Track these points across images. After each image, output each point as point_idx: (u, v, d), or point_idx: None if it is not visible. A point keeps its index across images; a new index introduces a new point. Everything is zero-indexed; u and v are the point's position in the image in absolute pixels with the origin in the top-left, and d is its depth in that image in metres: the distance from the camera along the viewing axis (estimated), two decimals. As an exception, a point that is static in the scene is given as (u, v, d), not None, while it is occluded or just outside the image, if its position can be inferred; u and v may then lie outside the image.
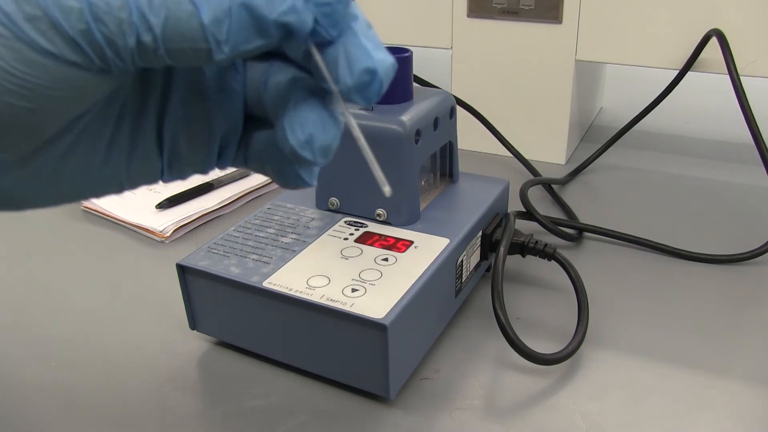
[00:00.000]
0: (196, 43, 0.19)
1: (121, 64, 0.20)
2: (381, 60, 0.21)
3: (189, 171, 0.26)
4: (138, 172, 0.25)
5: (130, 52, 0.19)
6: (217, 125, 0.25)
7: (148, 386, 0.36)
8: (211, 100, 0.25)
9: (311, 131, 0.22)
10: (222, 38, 0.19)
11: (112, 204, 0.55)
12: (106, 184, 0.25)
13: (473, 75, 0.65)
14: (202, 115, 0.25)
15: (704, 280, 0.45)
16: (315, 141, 0.22)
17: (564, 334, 0.39)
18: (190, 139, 0.25)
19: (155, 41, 0.19)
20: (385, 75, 0.21)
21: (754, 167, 0.59)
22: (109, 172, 0.24)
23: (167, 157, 0.25)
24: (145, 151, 0.25)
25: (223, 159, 0.27)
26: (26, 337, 0.41)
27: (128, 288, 0.46)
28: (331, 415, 0.34)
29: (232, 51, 0.20)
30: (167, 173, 0.26)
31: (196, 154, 0.26)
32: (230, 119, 0.25)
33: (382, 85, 0.21)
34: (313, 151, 0.22)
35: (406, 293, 0.34)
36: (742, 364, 0.37)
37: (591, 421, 0.33)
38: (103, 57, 0.19)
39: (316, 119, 0.22)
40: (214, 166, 0.27)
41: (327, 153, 0.22)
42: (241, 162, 0.27)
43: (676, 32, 0.56)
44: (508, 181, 0.46)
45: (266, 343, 0.37)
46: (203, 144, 0.26)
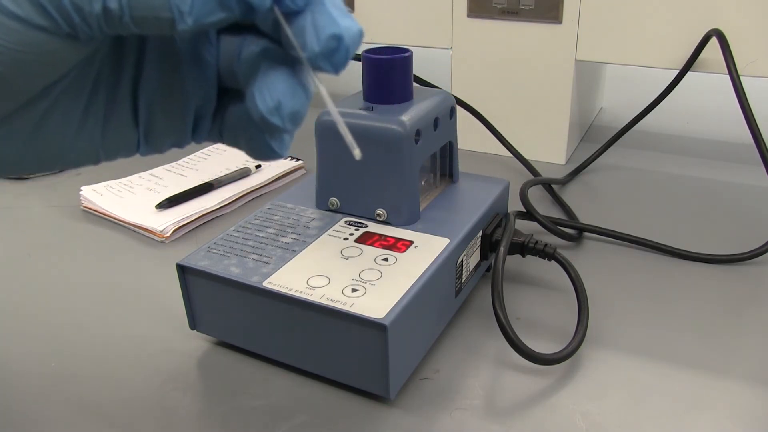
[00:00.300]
0: (160, 11, 0.20)
1: (88, 29, 0.21)
2: (347, 26, 0.22)
3: (165, 143, 0.27)
4: (114, 143, 0.26)
5: (96, 17, 0.20)
6: (192, 96, 0.26)
7: (148, 386, 0.36)
8: (185, 71, 0.26)
9: (280, 98, 0.23)
10: (185, 9, 0.20)
11: (112, 204, 0.55)
12: (82, 152, 0.25)
13: (473, 75, 0.65)
14: (176, 85, 0.26)
15: (704, 280, 0.45)
16: (284, 107, 0.23)
17: (564, 334, 0.39)
18: (164, 109, 0.26)
19: (121, 8, 0.20)
20: (352, 41, 0.22)
21: (754, 167, 0.59)
22: (85, 140, 0.25)
23: (143, 128, 0.26)
24: (121, 120, 0.25)
25: (199, 132, 0.27)
26: (26, 337, 0.41)
27: (128, 288, 0.46)
28: (331, 415, 0.34)
29: (195, 22, 0.20)
30: (144, 145, 0.27)
31: (171, 125, 0.26)
32: (204, 91, 0.26)
33: (348, 51, 0.22)
34: (282, 117, 0.23)
35: (406, 293, 0.34)
36: (742, 364, 0.37)
37: (591, 421, 0.33)
38: (71, 22, 0.20)
39: (285, 86, 0.23)
40: (189, 138, 0.27)
41: (296, 119, 0.23)
42: (216, 135, 0.28)
43: (676, 32, 0.56)
44: (508, 181, 0.46)
45: (266, 343, 0.37)
46: (178, 115, 0.26)
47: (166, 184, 0.59)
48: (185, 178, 0.60)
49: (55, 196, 0.59)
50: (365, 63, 0.40)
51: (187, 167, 0.63)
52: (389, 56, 0.39)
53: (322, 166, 0.41)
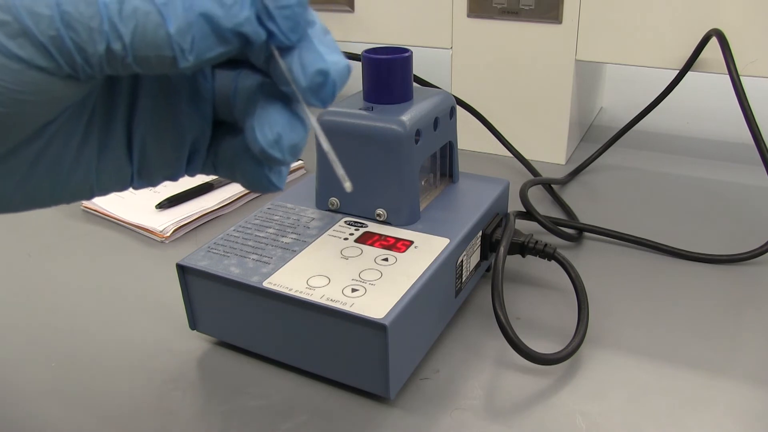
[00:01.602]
0: (162, 51, 0.20)
1: (89, 70, 0.20)
2: (334, 62, 0.22)
3: (159, 177, 0.27)
4: (108, 178, 0.26)
5: (98, 59, 0.20)
6: (187, 131, 0.26)
7: (148, 386, 0.36)
8: (180, 106, 0.26)
9: (279, 131, 0.23)
10: (186, 47, 0.20)
11: (112, 204, 0.55)
12: (75, 189, 0.25)
13: (473, 75, 0.65)
14: (171, 121, 0.26)
15: (704, 280, 0.45)
16: (284, 140, 0.23)
17: (564, 334, 0.39)
18: (159, 145, 0.26)
19: (124, 49, 0.20)
20: (339, 76, 0.22)
21: (754, 167, 0.60)
22: (78, 178, 0.25)
23: (137, 163, 0.26)
24: (115, 156, 0.25)
25: (193, 166, 0.27)
26: (26, 337, 0.41)
27: (128, 288, 0.46)
28: (331, 415, 0.34)
29: (196, 59, 0.21)
30: (137, 179, 0.27)
31: (166, 160, 0.26)
32: (199, 125, 0.26)
33: (335, 86, 0.22)
34: (282, 150, 0.23)
35: (406, 293, 0.34)
36: (742, 364, 0.37)
37: (591, 421, 0.33)
38: (72, 63, 0.20)
39: (284, 120, 0.23)
40: (183, 172, 0.27)
41: (295, 152, 0.23)
42: (210, 169, 0.28)
43: (676, 32, 0.56)
44: (508, 181, 0.46)
45: (266, 343, 0.37)
46: (172, 150, 0.26)
47: (166, 184, 0.59)
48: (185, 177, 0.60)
49: (55, 196, 0.59)
50: (365, 63, 0.40)
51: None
52: (389, 56, 0.39)
53: (322, 166, 0.41)
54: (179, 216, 0.53)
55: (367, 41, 0.70)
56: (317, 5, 0.70)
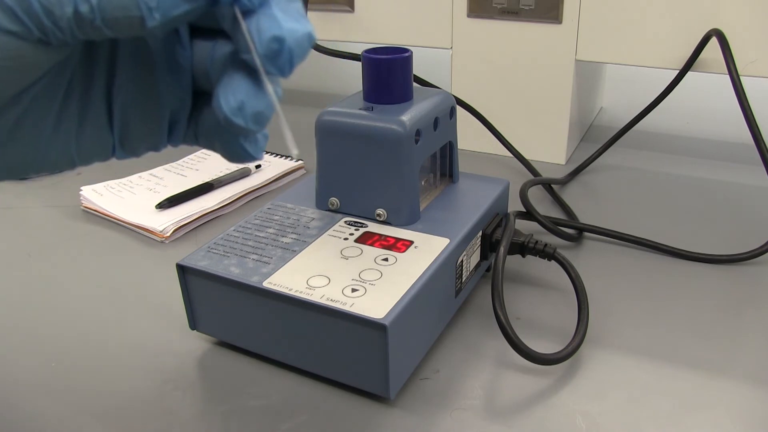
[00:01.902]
0: (129, 11, 0.20)
1: (60, 34, 0.21)
2: (291, 29, 0.22)
3: (141, 147, 0.27)
4: (89, 147, 0.26)
5: (67, 21, 0.20)
6: (166, 100, 0.26)
7: (148, 386, 0.36)
8: (159, 76, 0.26)
9: (242, 98, 0.23)
10: (152, 4, 0.20)
11: (112, 204, 0.55)
12: (56, 158, 0.25)
13: (473, 75, 0.65)
14: (151, 90, 0.26)
15: (704, 280, 0.45)
16: (246, 107, 0.23)
17: (564, 334, 0.39)
18: (139, 114, 0.26)
19: (92, 11, 0.20)
20: (296, 44, 0.22)
21: (754, 167, 0.60)
22: (58, 147, 0.25)
23: (118, 132, 0.26)
24: (95, 125, 0.26)
25: (174, 136, 0.27)
26: (26, 337, 0.41)
27: (128, 288, 0.46)
28: (331, 415, 0.34)
29: (163, 17, 0.21)
30: (119, 149, 0.27)
31: (146, 130, 0.27)
32: (178, 95, 0.26)
33: (292, 54, 0.22)
34: (245, 118, 0.23)
35: (406, 293, 0.34)
36: (742, 364, 0.37)
37: (591, 421, 0.33)
38: (42, 27, 0.20)
39: (248, 87, 0.23)
40: (165, 142, 0.27)
41: (259, 120, 0.23)
42: (191, 139, 0.28)
43: (676, 32, 0.56)
44: (508, 181, 0.46)
45: (266, 343, 0.37)
46: (153, 119, 0.26)
47: (166, 184, 0.59)
48: (185, 178, 0.60)
49: (55, 196, 0.59)
50: (365, 63, 0.40)
51: (187, 167, 0.63)
52: (389, 56, 0.39)
53: (322, 166, 0.41)
54: (179, 216, 0.53)
55: (367, 41, 0.70)
56: (317, 5, 0.70)
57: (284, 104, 0.25)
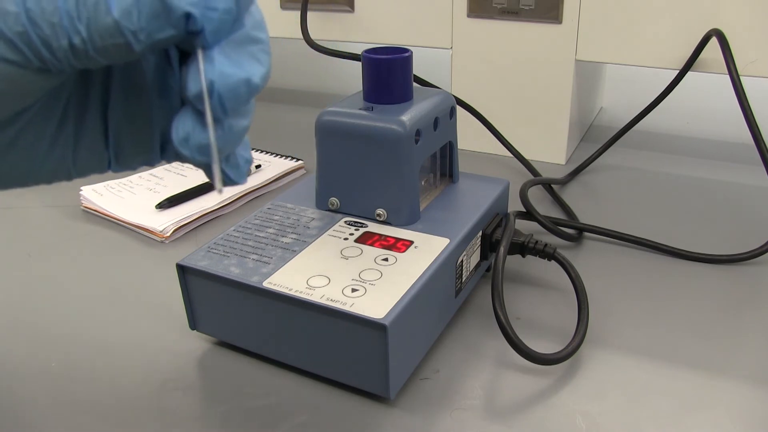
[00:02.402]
0: (115, 38, 0.21)
1: (58, 63, 0.21)
2: (224, 73, 0.22)
3: (135, 163, 0.28)
4: (85, 163, 0.27)
5: (64, 53, 0.21)
6: (157, 121, 0.27)
7: (148, 386, 0.36)
8: (150, 97, 0.27)
9: (188, 131, 0.23)
10: (134, 28, 0.21)
11: (112, 204, 0.55)
12: (53, 172, 0.26)
13: (473, 75, 0.65)
14: (142, 112, 0.27)
15: (704, 280, 0.45)
16: (191, 140, 0.23)
17: (564, 334, 0.39)
18: (132, 133, 0.27)
19: (83, 42, 0.21)
20: (227, 89, 0.22)
21: (754, 167, 0.60)
22: (55, 161, 0.26)
23: (113, 149, 0.27)
24: (92, 143, 0.27)
25: (167, 153, 0.28)
26: (26, 337, 0.41)
27: (128, 288, 0.46)
28: (331, 415, 0.34)
29: (147, 39, 0.21)
30: (114, 164, 0.28)
31: (140, 148, 0.28)
32: (168, 117, 0.27)
33: (222, 98, 0.22)
34: (190, 149, 0.24)
35: (406, 293, 0.34)
36: (742, 364, 0.37)
37: (591, 421, 0.33)
38: (40, 56, 0.21)
39: (193, 121, 0.23)
40: (159, 159, 0.28)
41: (203, 152, 0.24)
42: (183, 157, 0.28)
43: (676, 32, 0.56)
44: (508, 181, 0.46)
45: (266, 343, 0.37)
46: (145, 138, 0.27)
47: (166, 184, 0.59)
48: (185, 178, 0.60)
49: (55, 196, 0.59)
50: (365, 63, 0.40)
51: (187, 167, 0.63)
52: (389, 56, 0.39)
53: (322, 166, 0.41)
54: (179, 216, 0.53)
55: (367, 41, 0.70)
56: (317, 5, 0.70)
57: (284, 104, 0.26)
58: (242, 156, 0.26)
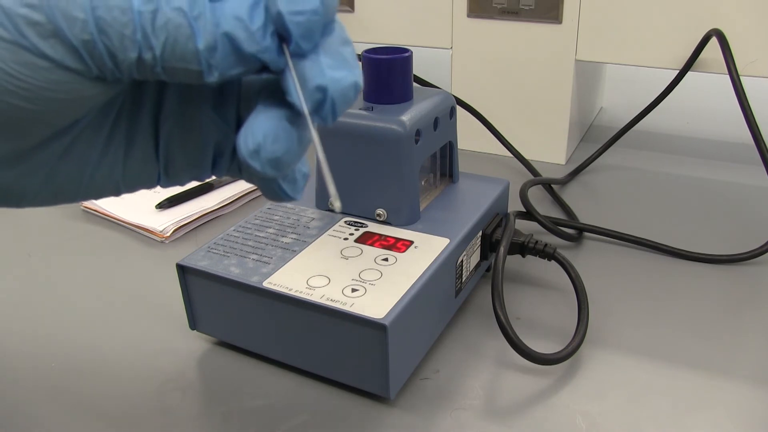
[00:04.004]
0: (190, 64, 0.20)
1: (119, 74, 0.21)
2: (335, 78, 0.21)
3: (185, 177, 0.27)
4: (134, 176, 0.26)
5: (129, 65, 0.20)
6: (210, 134, 0.26)
7: (148, 386, 0.36)
8: (205, 111, 0.26)
9: (260, 141, 0.22)
10: (214, 63, 0.20)
11: (112, 204, 0.55)
12: (101, 185, 0.25)
13: (473, 75, 0.65)
14: (196, 124, 0.26)
15: (704, 280, 0.45)
16: (263, 151, 0.22)
17: (564, 334, 0.39)
18: (183, 146, 0.26)
19: (154, 59, 0.20)
20: (340, 94, 0.21)
21: (754, 167, 0.60)
22: (104, 174, 0.25)
23: (163, 162, 0.26)
24: (142, 155, 0.26)
25: (218, 168, 0.27)
26: (26, 337, 0.41)
27: (128, 288, 0.46)
28: (331, 415, 0.34)
29: (220, 75, 0.21)
30: (164, 178, 0.27)
31: (190, 161, 0.26)
32: (223, 130, 0.26)
33: (335, 104, 0.21)
34: (261, 162, 0.22)
35: (406, 293, 0.34)
36: (742, 364, 0.37)
37: (591, 421, 0.33)
38: (102, 67, 0.20)
39: (269, 129, 0.22)
40: (209, 173, 0.27)
41: (276, 165, 0.22)
42: (236, 171, 0.27)
43: (676, 32, 0.56)
44: (508, 181, 0.46)
45: (266, 343, 0.37)
46: (197, 152, 0.26)
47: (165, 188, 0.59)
48: (185, 178, 0.60)
49: (55, 196, 0.59)
50: (365, 63, 0.40)
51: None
52: (389, 56, 0.39)
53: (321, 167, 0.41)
54: (179, 216, 0.53)
55: (367, 41, 0.70)
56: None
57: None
58: (300, 171, 0.26)
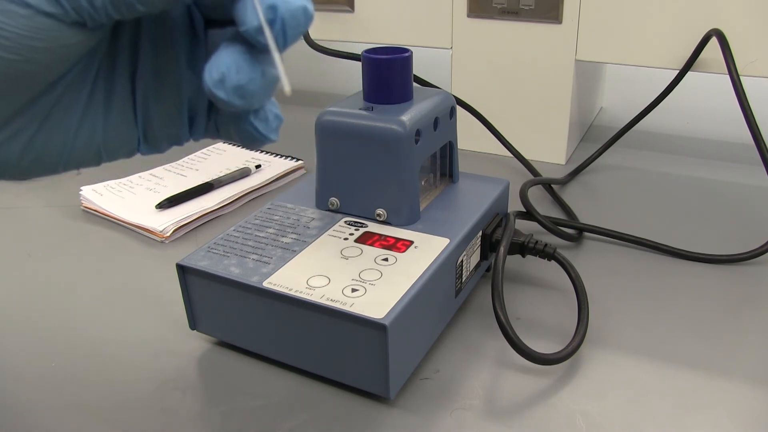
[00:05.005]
0: None
1: (96, 14, 0.21)
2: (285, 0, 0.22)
3: (163, 140, 0.28)
4: (114, 140, 0.26)
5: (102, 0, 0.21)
6: (184, 90, 0.27)
7: (148, 386, 0.36)
8: (178, 65, 0.26)
9: (224, 71, 0.23)
10: None
11: (112, 204, 0.55)
12: (83, 152, 0.26)
13: (473, 75, 0.65)
14: (170, 80, 0.26)
15: (704, 280, 0.45)
16: (227, 80, 0.23)
17: (564, 334, 0.39)
18: (160, 104, 0.27)
19: None
20: (290, 15, 0.22)
21: (754, 167, 0.59)
22: (85, 139, 0.25)
23: (141, 124, 0.27)
24: (120, 115, 0.26)
25: (195, 128, 0.28)
26: (26, 337, 0.41)
27: (128, 288, 0.46)
28: (331, 415, 0.34)
29: None
30: (143, 143, 0.27)
31: (168, 120, 0.27)
32: (195, 85, 0.27)
33: (285, 24, 0.22)
34: (226, 90, 0.23)
35: (406, 293, 0.34)
36: (742, 364, 0.37)
37: (591, 421, 0.33)
38: (78, 8, 0.21)
39: (231, 61, 0.23)
40: (187, 134, 0.28)
41: (241, 93, 0.23)
42: (213, 130, 0.28)
43: (676, 32, 0.56)
44: (508, 181, 0.46)
45: (266, 343, 0.37)
46: (173, 109, 0.27)
47: (166, 184, 0.59)
48: (185, 178, 0.60)
49: (55, 196, 0.59)
50: (365, 63, 0.40)
51: (187, 167, 0.63)
52: (389, 56, 0.39)
53: (322, 166, 0.41)
54: (179, 216, 0.53)
55: (367, 41, 0.70)
56: (317, 5, 0.70)
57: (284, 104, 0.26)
58: (272, 111, 0.26)
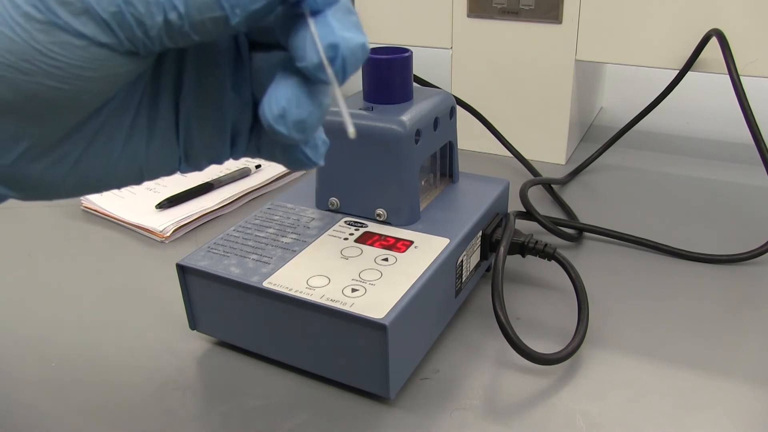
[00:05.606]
0: (213, 11, 0.21)
1: (149, 44, 0.21)
2: (345, 38, 0.22)
3: (204, 160, 0.28)
4: (157, 160, 0.26)
5: (158, 31, 0.21)
6: (228, 113, 0.27)
7: (148, 386, 0.36)
8: (221, 88, 0.26)
9: (284, 105, 0.23)
10: (233, 2, 0.21)
11: (112, 204, 0.55)
12: (125, 172, 0.26)
13: (473, 75, 0.65)
14: (214, 103, 0.26)
15: (704, 280, 0.45)
16: (288, 115, 0.23)
17: (564, 334, 0.39)
18: (203, 126, 0.27)
19: (180, 18, 0.21)
20: (350, 53, 0.22)
21: (754, 167, 0.59)
22: (128, 161, 0.25)
23: (183, 145, 0.27)
24: (163, 138, 0.26)
25: (237, 148, 0.28)
26: (26, 337, 0.41)
27: (128, 288, 0.46)
28: (331, 415, 0.34)
29: (243, 12, 0.21)
30: (184, 162, 0.27)
31: (210, 142, 0.27)
32: (239, 108, 0.27)
33: (345, 62, 0.22)
34: (287, 126, 0.23)
35: (406, 293, 0.34)
36: (742, 364, 0.37)
37: (591, 421, 0.33)
38: (133, 38, 0.21)
39: (291, 94, 0.23)
40: (228, 155, 0.28)
41: (301, 128, 0.23)
42: (254, 151, 0.28)
43: (676, 32, 0.56)
44: (508, 181, 0.46)
45: (266, 343, 0.37)
46: (216, 131, 0.27)
47: (166, 184, 0.59)
48: (185, 178, 0.60)
49: (55, 196, 0.59)
50: (365, 63, 0.40)
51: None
52: (389, 56, 0.39)
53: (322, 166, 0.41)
54: (179, 216, 0.53)
55: (367, 41, 0.70)
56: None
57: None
58: (320, 137, 0.26)
